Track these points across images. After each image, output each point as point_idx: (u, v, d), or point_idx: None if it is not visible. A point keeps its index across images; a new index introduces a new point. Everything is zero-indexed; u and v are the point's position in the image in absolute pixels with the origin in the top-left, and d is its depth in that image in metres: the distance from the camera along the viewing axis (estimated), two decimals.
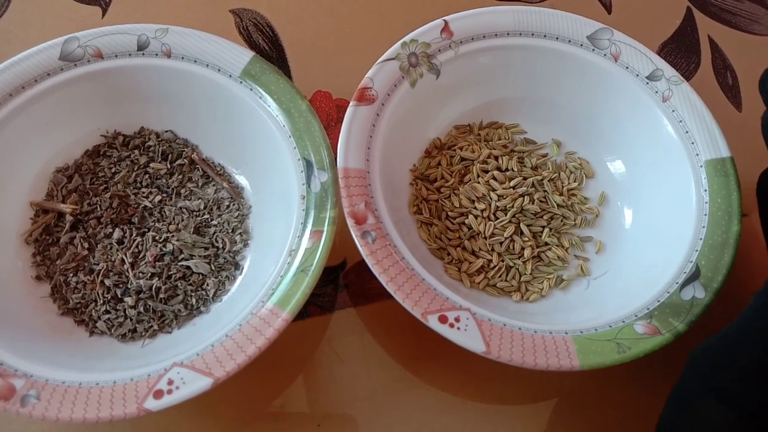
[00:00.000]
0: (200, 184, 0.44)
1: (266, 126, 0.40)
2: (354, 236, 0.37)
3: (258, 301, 0.35)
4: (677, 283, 0.38)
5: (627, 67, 0.43)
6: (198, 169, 0.44)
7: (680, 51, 0.53)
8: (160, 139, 0.44)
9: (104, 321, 0.39)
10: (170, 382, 0.33)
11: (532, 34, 0.44)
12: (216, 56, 0.41)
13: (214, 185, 0.44)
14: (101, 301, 0.39)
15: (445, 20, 0.43)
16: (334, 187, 0.38)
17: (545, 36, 0.44)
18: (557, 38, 0.44)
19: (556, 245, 0.42)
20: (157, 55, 0.42)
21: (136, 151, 0.44)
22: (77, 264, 0.40)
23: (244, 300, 0.37)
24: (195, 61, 0.41)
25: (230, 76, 0.41)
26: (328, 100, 0.49)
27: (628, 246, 0.43)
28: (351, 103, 0.40)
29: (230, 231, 0.42)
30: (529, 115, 0.46)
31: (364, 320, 0.42)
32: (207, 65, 0.41)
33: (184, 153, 0.44)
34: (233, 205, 0.43)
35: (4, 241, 0.40)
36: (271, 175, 0.41)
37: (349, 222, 0.37)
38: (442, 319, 0.35)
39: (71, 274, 0.40)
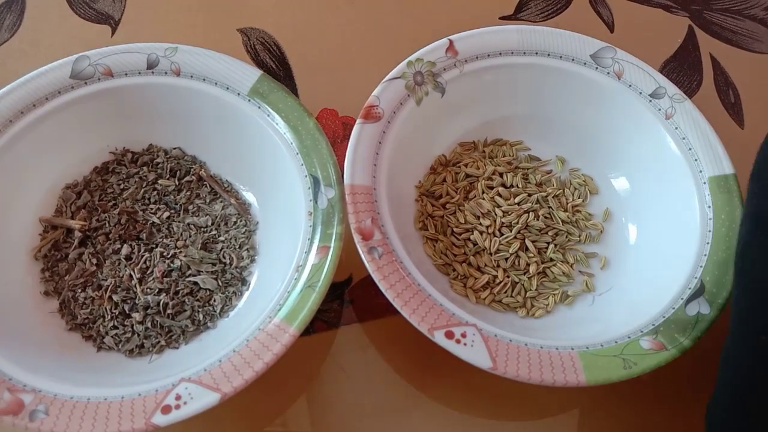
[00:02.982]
0: (208, 201, 0.44)
1: (274, 143, 0.41)
2: (360, 252, 0.37)
3: (265, 316, 0.36)
4: (682, 298, 0.38)
5: (630, 85, 0.44)
6: (206, 186, 0.44)
7: (682, 69, 0.54)
8: (168, 156, 0.45)
9: (112, 336, 0.39)
10: (178, 397, 0.33)
11: (537, 53, 0.44)
12: (224, 75, 0.42)
13: (221, 201, 0.44)
14: (109, 317, 0.40)
15: (450, 40, 0.44)
16: (341, 203, 0.38)
17: (549, 55, 0.44)
18: (561, 57, 0.44)
19: (561, 261, 0.43)
20: (166, 73, 0.42)
21: (145, 168, 0.45)
22: (85, 280, 0.41)
23: (252, 315, 0.37)
24: (204, 80, 0.42)
25: (238, 94, 0.42)
26: (334, 117, 0.50)
27: (633, 262, 0.43)
28: (358, 121, 0.41)
29: (237, 247, 0.42)
30: (533, 132, 0.47)
31: (370, 336, 0.42)
32: (216, 83, 0.42)
33: (192, 170, 0.45)
34: (240, 221, 0.43)
35: (14, 256, 0.41)
36: (278, 191, 0.42)
37: (356, 238, 0.37)
38: (449, 335, 0.35)
39: (79, 290, 0.40)
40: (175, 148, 0.45)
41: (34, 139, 0.41)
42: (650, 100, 0.43)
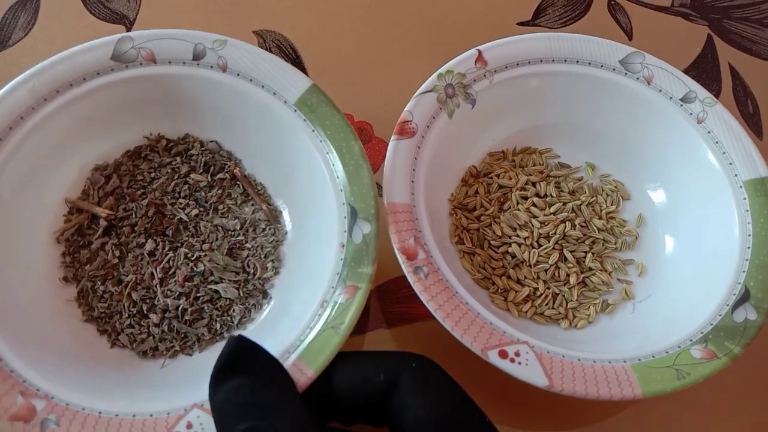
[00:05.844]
0: (239, 202, 0.42)
1: (314, 161, 0.39)
2: (406, 273, 0.36)
3: (284, 350, 0.34)
4: (728, 305, 0.38)
5: (660, 90, 0.44)
6: (238, 186, 0.43)
7: (701, 78, 0.53)
8: (203, 149, 0.43)
9: (127, 335, 0.38)
10: (189, 426, 0.32)
11: (565, 60, 0.44)
12: (272, 78, 0.40)
13: (252, 205, 0.42)
14: (126, 315, 0.38)
15: (479, 50, 0.43)
16: (376, 241, 0.36)
17: (578, 61, 0.44)
18: (590, 63, 0.44)
19: (600, 270, 0.42)
20: (212, 67, 0.40)
21: (178, 159, 0.43)
22: (106, 272, 0.39)
23: (270, 342, 0.35)
24: (250, 80, 0.40)
25: (285, 102, 0.39)
26: (350, 122, 0.49)
27: (671, 267, 0.43)
28: (392, 138, 0.40)
29: (263, 256, 0.41)
30: (561, 139, 0.46)
31: (383, 345, 0.42)
32: (262, 86, 0.40)
33: (226, 167, 0.43)
34: (269, 229, 0.42)
35: (35, 237, 0.39)
36: (311, 211, 0.40)
37: (401, 258, 0.37)
38: (502, 354, 0.35)
39: (99, 282, 0.39)
40: (211, 141, 0.43)
41: (67, 119, 0.39)
42: (681, 105, 0.43)
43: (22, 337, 0.35)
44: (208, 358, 0.38)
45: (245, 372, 0.30)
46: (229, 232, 0.41)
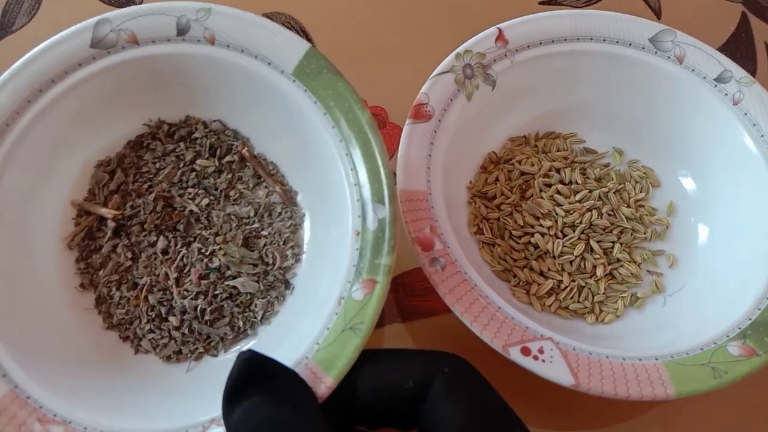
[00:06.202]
0: (251, 186, 0.40)
1: (320, 136, 0.35)
2: (422, 264, 0.34)
3: (302, 355, 0.31)
4: (767, 298, 0.35)
5: (693, 70, 0.41)
6: (249, 168, 0.40)
7: (735, 58, 0.50)
8: (207, 130, 0.40)
9: (149, 340, 0.36)
10: None
11: (591, 39, 0.41)
12: (266, 46, 0.36)
13: (265, 187, 0.39)
14: (145, 320, 0.37)
15: (499, 28, 0.41)
16: (392, 226, 0.32)
17: (605, 40, 0.41)
18: (617, 42, 0.41)
19: (628, 261, 0.40)
20: (199, 41, 0.37)
21: (182, 144, 0.40)
22: (120, 276, 0.38)
23: (287, 346, 0.33)
24: (242, 51, 0.36)
25: (282, 72, 0.36)
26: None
27: (704, 258, 0.40)
28: (407, 122, 0.38)
29: (281, 243, 0.38)
30: (586, 123, 0.44)
31: (398, 340, 0.40)
32: (255, 56, 0.36)
33: (234, 148, 0.40)
34: (286, 212, 0.39)
35: (46, 246, 0.37)
36: (324, 195, 0.37)
37: (416, 249, 0.35)
38: (525, 352, 0.33)
39: (114, 288, 0.37)
40: (215, 121, 0.40)
41: (57, 118, 0.37)
42: (715, 85, 0.41)
43: (40, 354, 0.34)
44: (234, 359, 0.36)
45: (259, 390, 0.27)
46: (244, 220, 0.39)
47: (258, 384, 0.28)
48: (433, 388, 0.27)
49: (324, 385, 0.29)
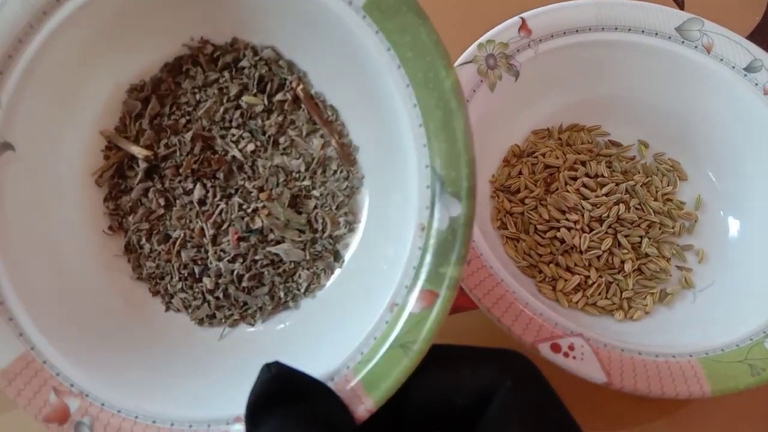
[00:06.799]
0: (304, 133, 0.34)
1: (390, 96, 0.27)
2: None
3: (342, 364, 0.27)
4: None
5: (722, 59, 0.40)
6: (303, 111, 0.34)
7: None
8: (257, 58, 0.34)
9: (181, 299, 0.34)
10: None
11: (616, 28, 0.40)
12: None
13: (321, 137, 0.34)
14: (177, 278, 0.34)
15: (522, 18, 0.40)
16: (465, 230, 0.26)
17: (630, 30, 0.40)
18: (643, 31, 0.40)
19: (657, 256, 0.39)
20: None
21: (226, 74, 0.34)
22: (151, 225, 0.34)
23: (325, 351, 0.29)
24: None
25: (350, 3, 0.28)
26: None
27: (734, 253, 0.39)
28: None
29: (334, 208, 0.33)
30: (611, 115, 0.43)
31: None
32: None
33: (287, 83, 0.33)
34: (341, 172, 0.33)
35: (72, 181, 0.34)
36: (388, 161, 0.30)
37: None
38: (555, 348, 0.32)
39: (144, 238, 0.34)
40: (267, 48, 0.34)
41: (81, 32, 0.31)
42: (745, 75, 0.39)
43: (62, 307, 0.31)
44: (271, 332, 0.33)
45: (285, 410, 0.24)
46: (293, 175, 0.34)
47: (286, 401, 0.25)
48: (496, 397, 0.24)
49: (363, 406, 0.26)
